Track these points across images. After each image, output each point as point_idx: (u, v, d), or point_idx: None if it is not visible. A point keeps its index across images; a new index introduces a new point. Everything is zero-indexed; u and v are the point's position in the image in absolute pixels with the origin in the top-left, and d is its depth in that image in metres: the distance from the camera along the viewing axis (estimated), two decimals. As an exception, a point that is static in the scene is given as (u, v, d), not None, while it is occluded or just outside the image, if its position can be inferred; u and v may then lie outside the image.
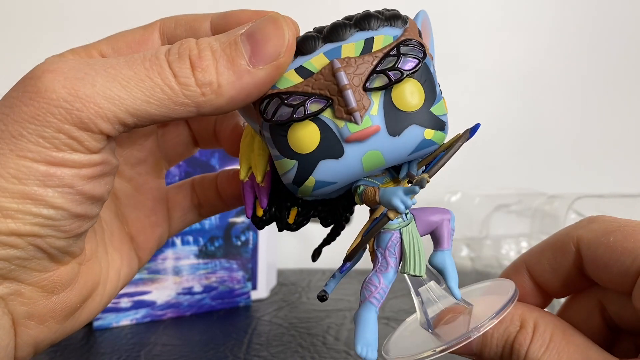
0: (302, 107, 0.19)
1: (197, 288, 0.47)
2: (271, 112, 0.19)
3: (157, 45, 0.23)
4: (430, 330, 0.22)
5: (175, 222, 0.30)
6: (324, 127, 0.19)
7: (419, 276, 0.21)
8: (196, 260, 0.47)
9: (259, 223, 0.25)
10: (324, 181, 0.20)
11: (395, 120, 0.19)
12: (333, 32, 0.20)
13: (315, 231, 0.76)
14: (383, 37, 0.20)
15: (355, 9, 0.22)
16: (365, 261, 0.28)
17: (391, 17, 0.20)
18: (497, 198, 0.61)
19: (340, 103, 0.19)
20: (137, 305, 0.45)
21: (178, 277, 0.46)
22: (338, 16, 0.22)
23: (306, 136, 0.19)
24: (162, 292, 0.46)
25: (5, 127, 0.18)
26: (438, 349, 0.20)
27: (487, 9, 0.71)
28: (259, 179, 0.23)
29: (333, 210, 0.26)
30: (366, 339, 0.21)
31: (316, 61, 0.20)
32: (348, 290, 0.55)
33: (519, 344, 0.21)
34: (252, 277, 0.51)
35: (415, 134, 0.19)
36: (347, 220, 0.26)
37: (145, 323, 0.45)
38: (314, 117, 0.19)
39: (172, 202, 0.30)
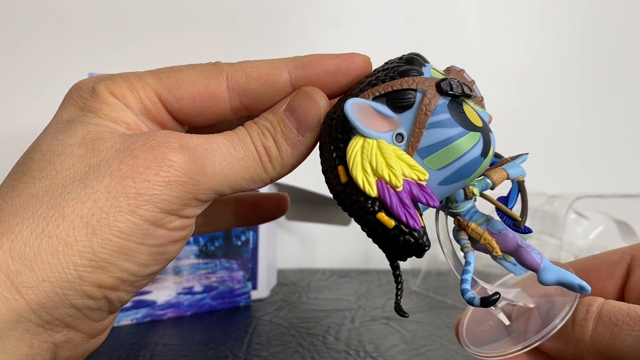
0: (469, 87, 0.22)
1: (198, 288, 0.47)
2: (459, 89, 0.21)
3: (226, 102, 0.24)
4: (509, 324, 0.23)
5: None
6: (474, 110, 0.22)
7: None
8: (196, 260, 0.47)
9: (423, 242, 0.21)
10: (495, 152, 0.22)
11: None
12: (423, 57, 0.23)
13: (315, 231, 0.76)
14: None
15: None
16: (364, 262, 0.28)
17: None
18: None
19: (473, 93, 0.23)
20: (138, 305, 0.45)
21: (178, 277, 0.46)
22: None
23: (474, 114, 0.22)
24: (162, 292, 0.46)
25: (133, 184, 0.20)
26: (530, 343, 0.21)
27: (487, 9, 0.71)
28: (425, 177, 0.21)
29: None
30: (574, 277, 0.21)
31: (434, 71, 0.23)
32: (348, 290, 0.55)
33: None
34: (252, 277, 0.51)
35: None
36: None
37: (146, 323, 0.45)
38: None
39: None
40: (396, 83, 0.22)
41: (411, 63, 0.22)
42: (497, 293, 0.21)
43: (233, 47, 0.68)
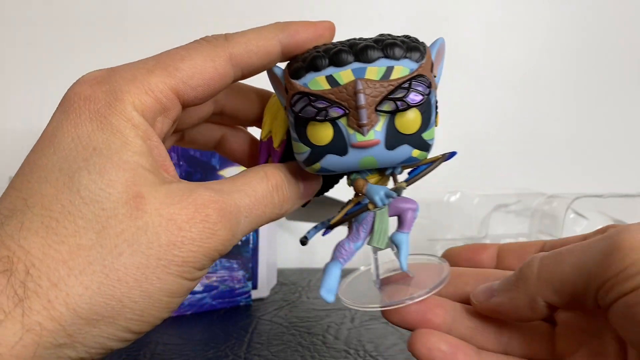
0: (325, 111, 0.23)
1: (198, 287, 0.47)
2: (299, 107, 0.24)
3: (232, 78, 0.25)
4: (377, 287, 0.28)
5: None
6: (337, 130, 0.24)
7: (379, 249, 0.27)
8: (196, 260, 0.47)
9: None
10: (326, 168, 0.25)
11: (393, 138, 0.24)
12: (363, 53, 0.23)
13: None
14: (401, 69, 0.23)
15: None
16: (364, 262, 0.28)
17: (412, 49, 0.24)
18: (496, 198, 0.61)
19: (354, 116, 0.23)
20: (138, 304, 0.45)
21: (178, 276, 0.46)
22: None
23: (322, 133, 0.24)
24: (162, 291, 0.46)
25: (180, 254, 0.21)
26: (379, 307, 0.26)
27: (487, 9, 0.71)
28: (276, 144, 0.28)
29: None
30: (329, 286, 0.27)
31: (344, 75, 0.23)
32: (348, 289, 0.56)
33: None
34: (253, 277, 0.51)
35: (406, 152, 0.24)
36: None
37: (146, 322, 0.45)
38: (331, 120, 0.24)
39: None
40: (285, 77, 0.25)
41: (309, 66, 0.24)
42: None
43: (233, 47, 0.68)
